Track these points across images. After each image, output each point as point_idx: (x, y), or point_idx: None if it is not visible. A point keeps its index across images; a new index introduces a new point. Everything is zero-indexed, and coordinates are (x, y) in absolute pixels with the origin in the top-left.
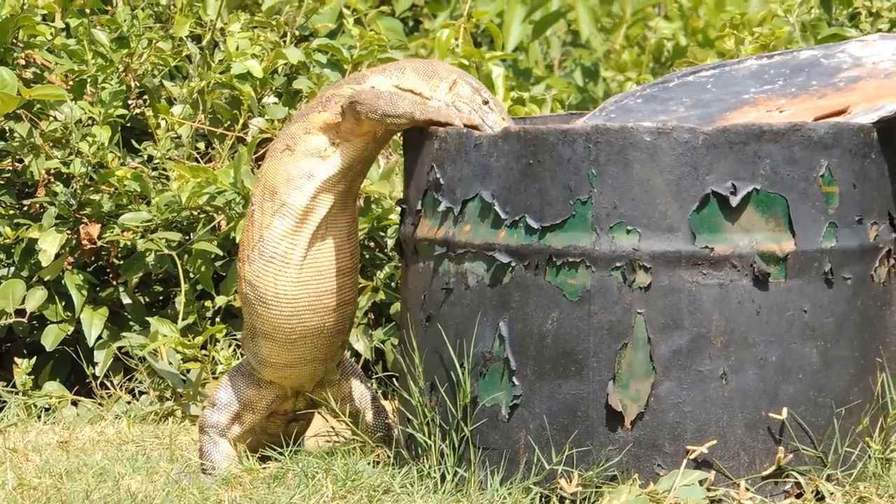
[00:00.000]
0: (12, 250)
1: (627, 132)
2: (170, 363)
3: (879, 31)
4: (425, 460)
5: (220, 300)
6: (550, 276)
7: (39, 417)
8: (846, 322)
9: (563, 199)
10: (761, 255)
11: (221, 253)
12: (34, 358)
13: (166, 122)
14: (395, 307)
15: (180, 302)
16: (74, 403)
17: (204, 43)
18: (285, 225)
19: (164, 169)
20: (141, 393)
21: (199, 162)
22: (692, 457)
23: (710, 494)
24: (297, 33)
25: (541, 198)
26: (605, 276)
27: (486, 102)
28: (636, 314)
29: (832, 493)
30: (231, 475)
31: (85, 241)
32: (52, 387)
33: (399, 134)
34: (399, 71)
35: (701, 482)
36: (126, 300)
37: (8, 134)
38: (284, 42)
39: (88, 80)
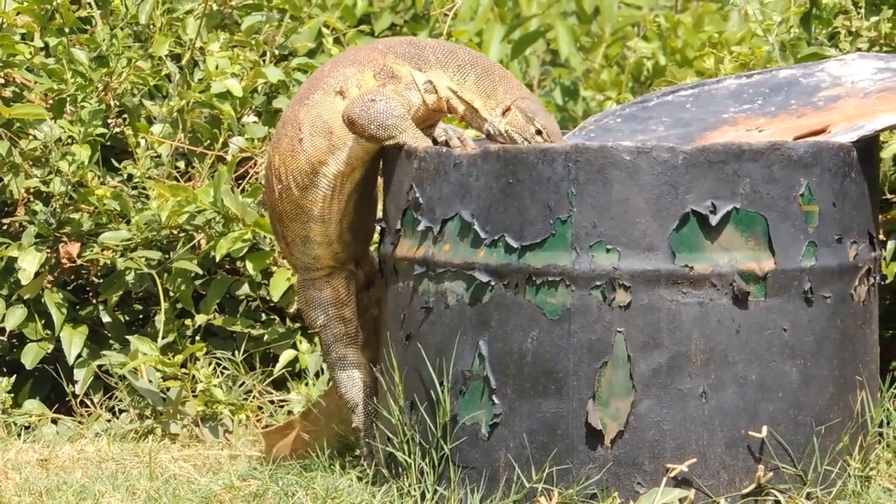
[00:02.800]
0: None
1: (607, 151)
2: (150, 381)
3: (859, 50)
4: (405, 478)
5: (200, 318)
6: (530, 294)
7: (19, 436)
8: (826, 341)
9: (543, 218)
10: (741, 273)
11: (201, 272)
12: (14, 376)
13: (146, 140)
14: None
15: (160, 320)
16: (54, 421)
17: (183, 62)
18: (339, 167)
19: (144, 188)
20: (121, 411)
21: (178, 181)
22: (672, 475)
23: None
24: (276, 52)
25: (520, 217)
26: (585, 294)
27: (539, 132)
28: (616, 333)
29: None
30: (211, 493)
31: (65, 260)
32: (32, 405)
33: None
34: (462, 76)
35: (681, 500)
36: (106, 318)
37: None
38: (264, 61)
39: (68, 98)
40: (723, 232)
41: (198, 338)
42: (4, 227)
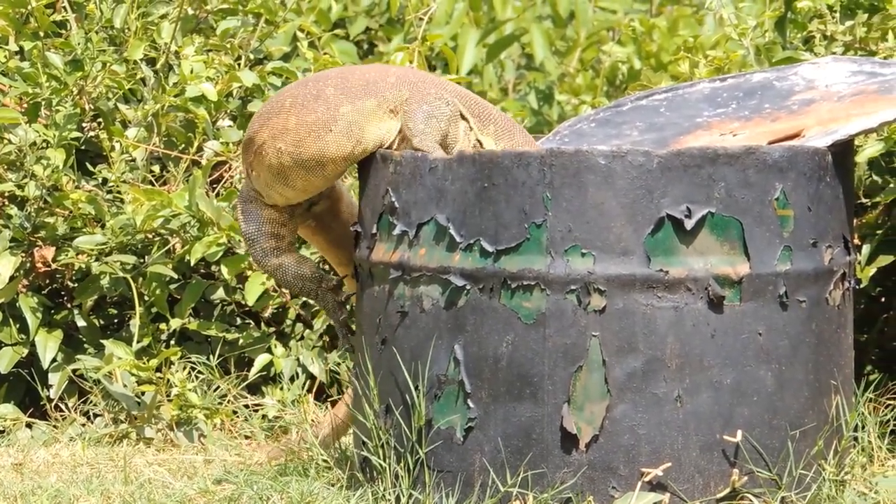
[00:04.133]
0: None
1: (582, 155)
2: (124, 386)
3: (833, 54)
4: (380, 483)
5: (175, 323)
6: (505, 299)
7: None
8: (801, 345)
9: (518, 223)
10: (716, 278)
11: (176, 276)
12: None
13: (121, 144)
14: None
15: (135, 325)
16: (29, 426)
17: (158, 66)
18: (340, 170)
19: (119, 192)
20: (96, 415)
21: (153, 185)
22: (647, 479)
23: None
24: (251, 56)
25: (495, 221)
26: (560, 299)
27: None
28: (591, 337)
29: None
30: (186, 498)
31: (39, 264)
32: (7, 409)
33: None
34: (510, 136)
35: None
36: (81, 323)
37: None
38: (239, 65)
39: (43, 102)
40: (698, 236)
41: (172, 342)
42: None
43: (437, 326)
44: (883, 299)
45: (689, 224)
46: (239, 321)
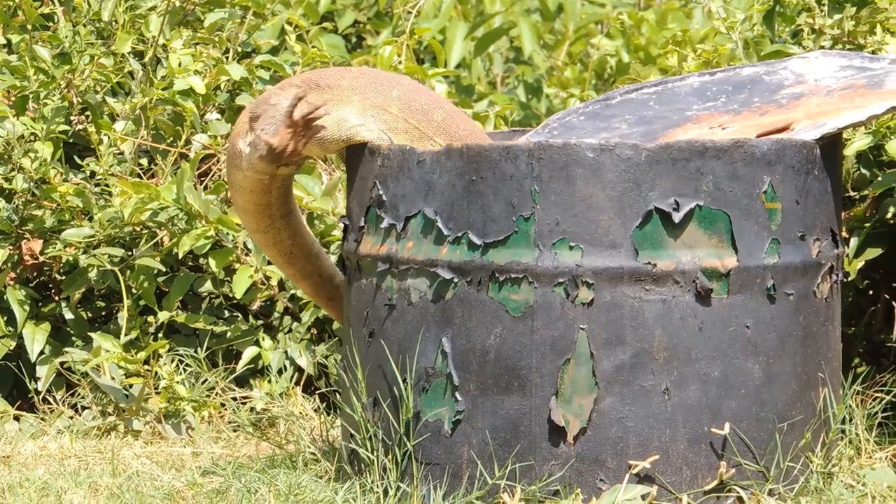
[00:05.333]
0: None
1: (570, 149)
2: (112, 378)
3: (822, 48)
4: (368, 475)
5: (163, 315)
6: (493, 291)
7: None
8: (788, 338)
9: (506, 216)
10: (704, 271)
11: (164, 269)
12: None
13: (109, 138)
14: (338, 323)
15: (123, 317)
16: (17, 418)
17: (146, 59)
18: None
19: (107, 185)
20: (83, 408)
21: (141, 178)
22: (635, 471)
23: None
24: (239, 49)
25: (483, 214)
26: (548, 291)
27: None
28: (579, 330)
29: None
30: (174, 490)
31: (27, 257)
32: None
33: (343, 150)
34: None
35: (643, 497)
36: (68, 315)
37: None
38: (227, 58)
39: (30, 96)
40: (686, 229)
41: (160, 335)
42: None
43: (425, 319)
44: (871, 292)
45: (677, 217)
46: (227, 314)
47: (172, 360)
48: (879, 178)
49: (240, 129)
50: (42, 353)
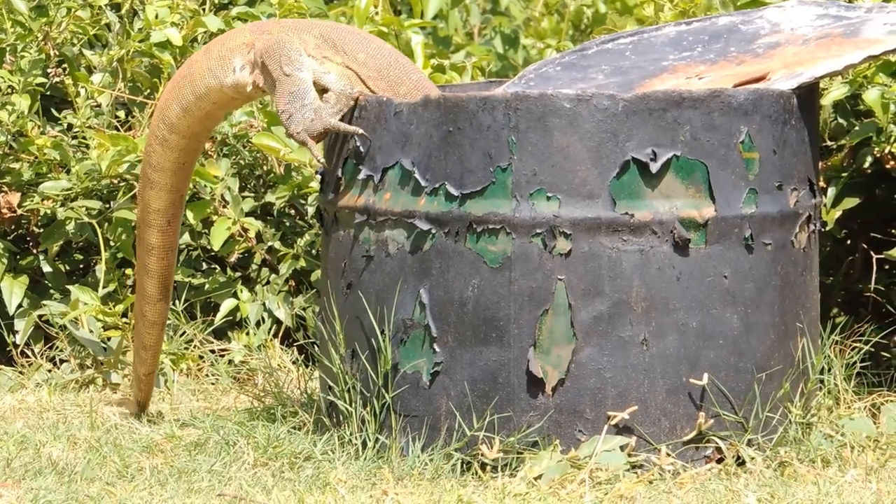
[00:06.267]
0: None
1: (547, 99)
2: (90, 331)
3: None
4: (346, 427)
5: None
6: (471, 242)
7: None
8: (767, 288)
9: (483, 167)
10: (681, 221)
11: None
12: None
13: (86, 90)
14: (316, 275)
15: (101, 270)
16: None
17: (123, 11)
18: None
19: (84, 137)
20: (62, 361)
21: (119, 130)
22: (613, 423)
23: (631, 460)
24: (216, 1)
25: (461, 165)
26: (526, 242)
27: None
28: (557, 280)
29: (753, 458)
30: (152, 443)
31: (5, 210)
32: None
33: None
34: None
35: (622, 448)
36: (46, 268)
37: None
38: (204, 10)
39: (7, 48)
40: (663, 179)
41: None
42: None
43: (403, 271)
44: (848, 242)
45: (654, 167)
46: (205, 266)
47: None
48: (857, 128)
49: (226, 51)
50: (20, 306)
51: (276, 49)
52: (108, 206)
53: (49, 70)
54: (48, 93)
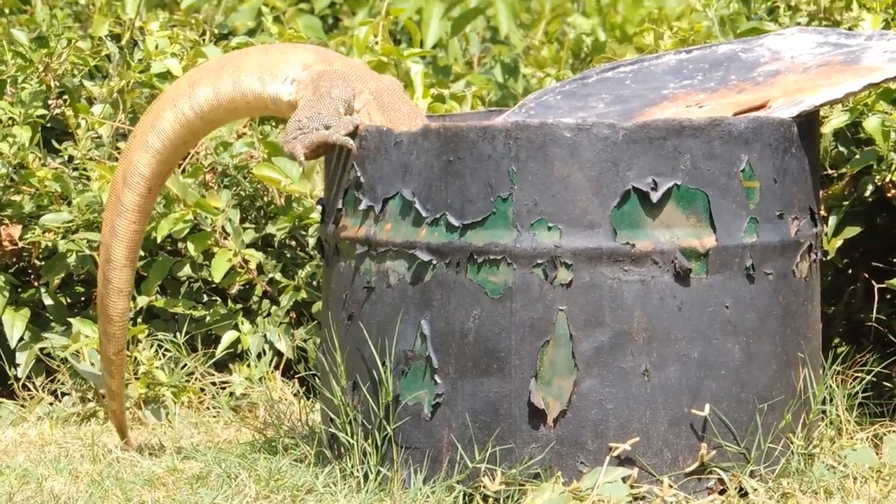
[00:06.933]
0: None
1: (547, 128)
2: (92, 364)
3: (798, 24)
4: (348, 459)
5: (142, 300)
6: (472, 273)
7: None
8: (768, 317)
9: (484, 197)
10: (682, 250)
11: (143, 253)
12: None
13: (87, 121)
14: (317, 306)
15: None
16: None
17: (123, 42)
18: None
19: (85, 169)
20: (63, 394)
21: None
22: (615, 454)
23: (633, 491)
24: (216, 32)
25: (461, 195)
26: (527, 273)
27: None
28: (558, 311)
29: (755, 490)
30: (154, 476)
31: (6, 243)
32: None
33: None
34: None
35: (624, 479)
36: (48, 301)
37: None
38: (204, 41)
39: (8, 80)
40: (664, 209)
41: (139, 319)
42: None
43: (404, 302)
44: (850, 271)
45: (655, 196)
46: (206, 298)
47: (152, 345)
48: (857, 156)
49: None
50: (21, 339)
51: (336, 80)
52: None
53: (50, 101)
54: (49, 124)
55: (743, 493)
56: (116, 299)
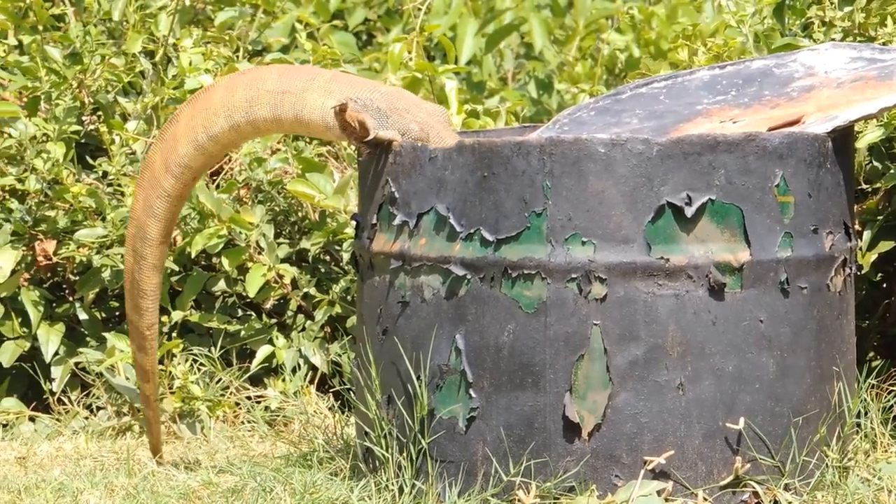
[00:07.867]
0: None
1: (582, 144)
2: (127, 378)
3: (832, 40)
4: (383, 473)
5: (177, 315)
6: (506, 288)
7: None
8: (802, 331)
9: (518, 212)
10: (717, 265)
11: (177, 268)
12: None
13: (121, 137)
14: (352, 321)
15: None
16: (32, 419)
17: (157, 58)
18: None
19: (119, 185)
20: (98, 408)
21: None
22: (650, 467)
23: None
24: (250, 48)
25: (496, 210)
26: (561, 287)
27: None
28: (592, 325)
29: (790, 502)
30: (189, 490)
31: (41, 258)
32: (10, 403)
33: (354, 148)
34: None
35: (659, 492)
36: (83, 316)
37: None
38: (237, 57)
39: (42, 96)
40: (698, 223)
41: (174, 334)
42: None
43: (439, 316)
44: (884, 285)
45: (689, 211)
46: (240, 313)
47: (186, 360)
48: (892, 171)
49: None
50: (56, 353)
51: (401, 97)
52: None
53: (84, 118)
54: (83, 140)
55: None
56: (150, 274)
